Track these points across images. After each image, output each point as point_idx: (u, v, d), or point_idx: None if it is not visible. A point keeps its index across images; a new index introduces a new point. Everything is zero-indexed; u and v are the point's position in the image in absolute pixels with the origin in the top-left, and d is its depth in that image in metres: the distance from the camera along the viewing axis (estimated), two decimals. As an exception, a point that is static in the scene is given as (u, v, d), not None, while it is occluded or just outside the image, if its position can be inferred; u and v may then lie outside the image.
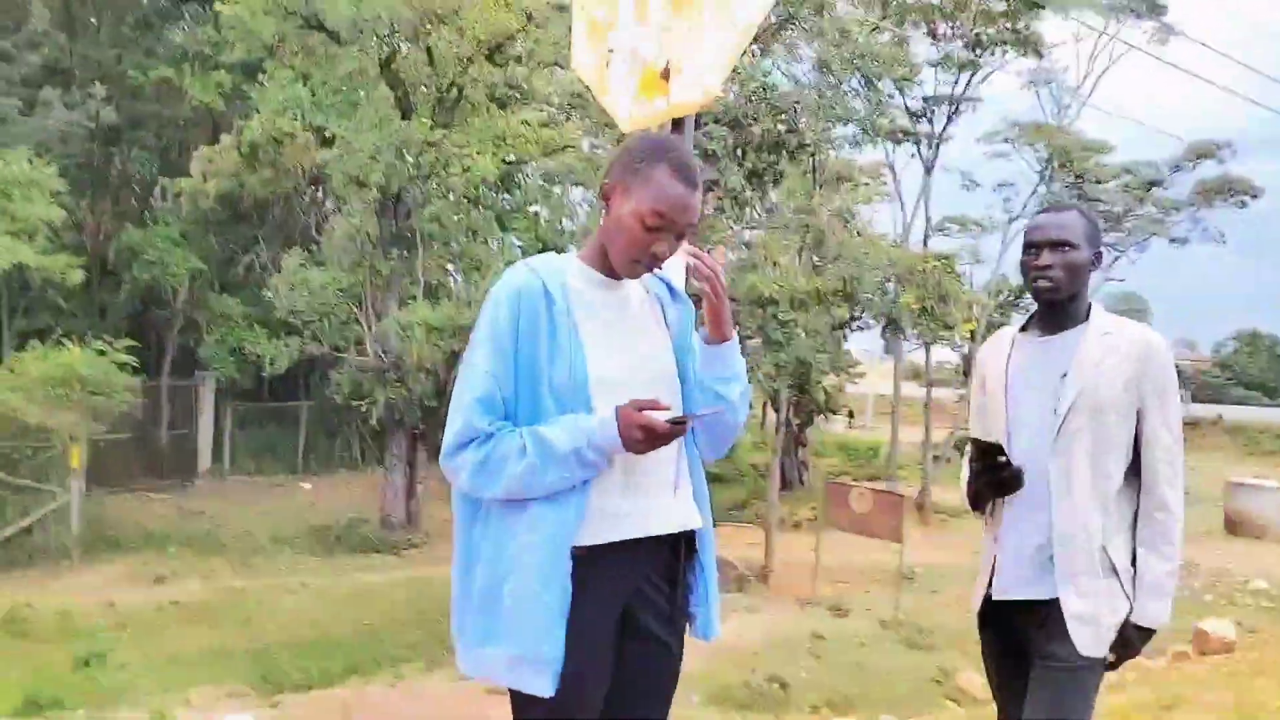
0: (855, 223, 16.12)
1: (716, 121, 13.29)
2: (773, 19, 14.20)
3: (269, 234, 20.07)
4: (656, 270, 2.02)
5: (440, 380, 15.91)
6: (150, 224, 19.04)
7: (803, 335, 13.25)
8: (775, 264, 14.00)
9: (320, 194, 20.55)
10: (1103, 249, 2.49)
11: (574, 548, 1.81)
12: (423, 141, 15.72)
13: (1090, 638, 2.30)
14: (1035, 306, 2.54)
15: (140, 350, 16.26)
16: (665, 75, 2.31)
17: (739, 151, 13.41)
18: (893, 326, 16.31)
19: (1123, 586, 2.35)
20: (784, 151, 13.81)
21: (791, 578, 15.17)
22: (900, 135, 22.19)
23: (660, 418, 1.78)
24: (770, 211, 15.67)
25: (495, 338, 1.85)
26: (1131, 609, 2.35)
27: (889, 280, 15.12)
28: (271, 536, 16.09)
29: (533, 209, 19.22)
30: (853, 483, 17.44)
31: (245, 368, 18.50)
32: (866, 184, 23.34)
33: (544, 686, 1.78)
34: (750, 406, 2.12)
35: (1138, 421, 2.38)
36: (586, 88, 2.60)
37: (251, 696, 9.54)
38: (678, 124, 2.37)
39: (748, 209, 14.17)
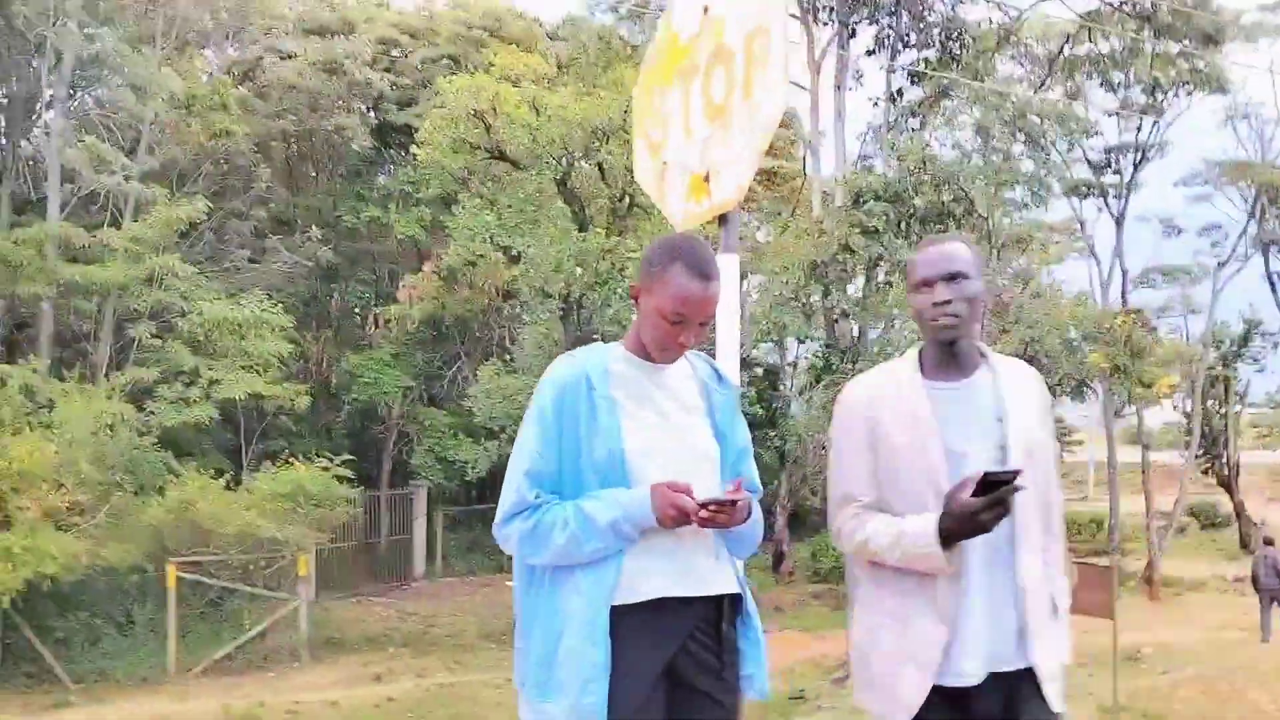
0: (1035, 284, 15.57)
1: (877, 198, 13.38)
2: (926, 91, 14.27)
3: (469, 348, 21.57)
4: (703, 357, 2.27)
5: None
6: (366, 349, 20.92)
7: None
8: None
9: (511, 307, 21.95)
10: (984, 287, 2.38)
11: (613, 606, 1.98)
12: (600, 249, 16.65)
13: (1057, 693, 2.17)
14: (929, 350, 2.29)
15: (360, 464, 17.72)
16: (706, 179, 2.59)
17: (902, 225, 13.40)
18: (1079, 389, 15.50)
19: (1062, 625, 2.25)
20: (950, 220, 13.67)
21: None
22: (1084, 189, 21.36)
23: (693, 498, 1.95)
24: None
25: (541, 420, 2.07)
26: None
27: (1076, 341, 14.46)
28: (480, 633, 16.82)
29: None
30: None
31: (452, 474, 19.71)
32: (1057, 242, 22.50)
33: None
34: None
35: None
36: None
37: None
38: (723, 219, 2.63)
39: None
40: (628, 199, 17.93)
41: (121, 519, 14.13)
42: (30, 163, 18.28)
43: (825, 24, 14.35)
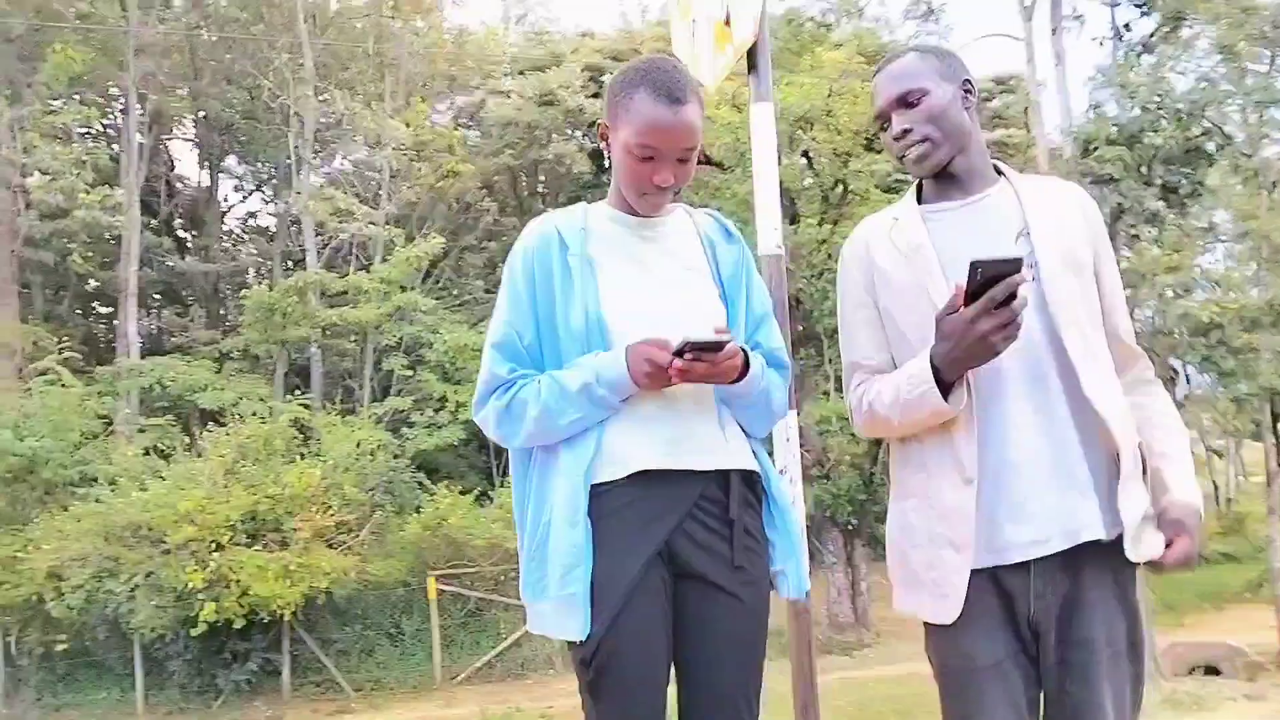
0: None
1: (1109, 143, 12.15)
2: (1158, 20, 12.88)
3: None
4: (711, 212, 2.00)
5: (865, 472, 15.76)
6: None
7: (1265, 359, 11.26)
8: (1216, 284, 12.20)
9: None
10: (969, 78, 1.90)
11: (595, 484, 1.74)
12: (814, 241, 16.24)
13: (1139, 552, 1.72)
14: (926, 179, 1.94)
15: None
16: (727, 23, 2.35)
17: (1142, 169, 12.08)
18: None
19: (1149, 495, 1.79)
20: (1202, 158, 12.20)
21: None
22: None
23: (690, 340, 1.66)
24: (1208, 229, 13.78)
25: (511, 289, 1.86)
26: (1160, 495, 1.78)
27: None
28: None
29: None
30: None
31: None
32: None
33: (576, 629, 1.69)
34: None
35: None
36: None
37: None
38: (752, 65, 2.38)
39: (1166, 228, 12.59)
40: (840, 186, 17.38)
41: (383, 536, 15.22)
42: (294, 222, 20.28)
43: (1034, -34, 13.28)
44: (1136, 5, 12.91)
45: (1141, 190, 12.22)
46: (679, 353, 1.66)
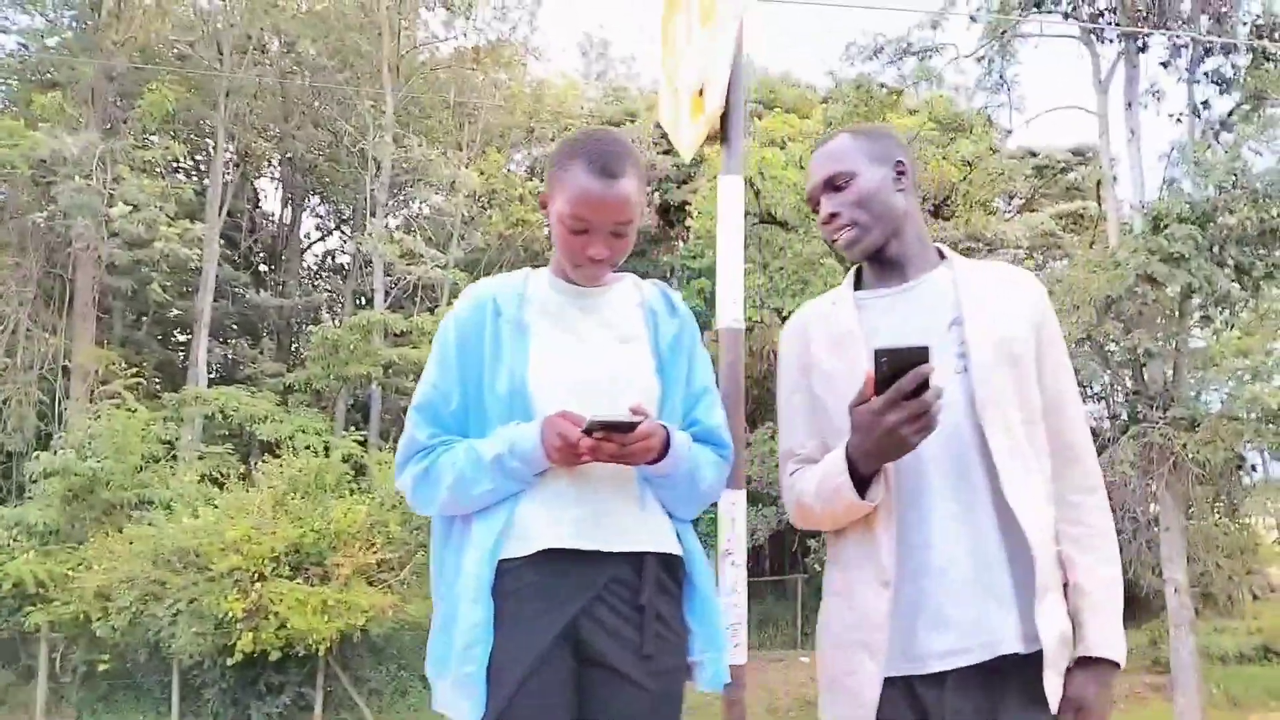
0: None
1: (1181, 220, 11.77)
2: (1238, 98, 12.54)
3: (749, 408, 21.43)
4: (658, 284, 1.97)
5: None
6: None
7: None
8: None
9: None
10: (902, 159, 1.82)
11: (502, 560, 1.67)
12: (876, 305, 16.10)
13: (1055, 688, 1.59)
14: (865, 265, 1.89)
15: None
16: (701, 94, 2.31)
17: (1214, 249, 11.66)
18: None
19: (1067, 608, 1.65)
20: (1276, 240, 11.74)
21: None
22: None
23: (598, 420, 1.60)
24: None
25: (441, 351, 1.82)
26: (1079, 640, 1.63)
27: None
28: (767, 708, 16.24)
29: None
30: None
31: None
32: None
33: (469, 711, 1.61)
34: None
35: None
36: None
37: None
38: (723, 138, 2.32)
39: (1238, 311, 12.12)
40: (906, 252, 17.23)
41: (424, 576, 15.23)
42: (367, 262, 20.79)
43: (1109, 40, 13.05)
44: (1215, 83, 12.57)
45: (1213, 270, 11.80)
46: (588, 431, 1.60)
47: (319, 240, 26.52)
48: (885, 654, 1.62)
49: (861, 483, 1.62)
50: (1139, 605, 19.44)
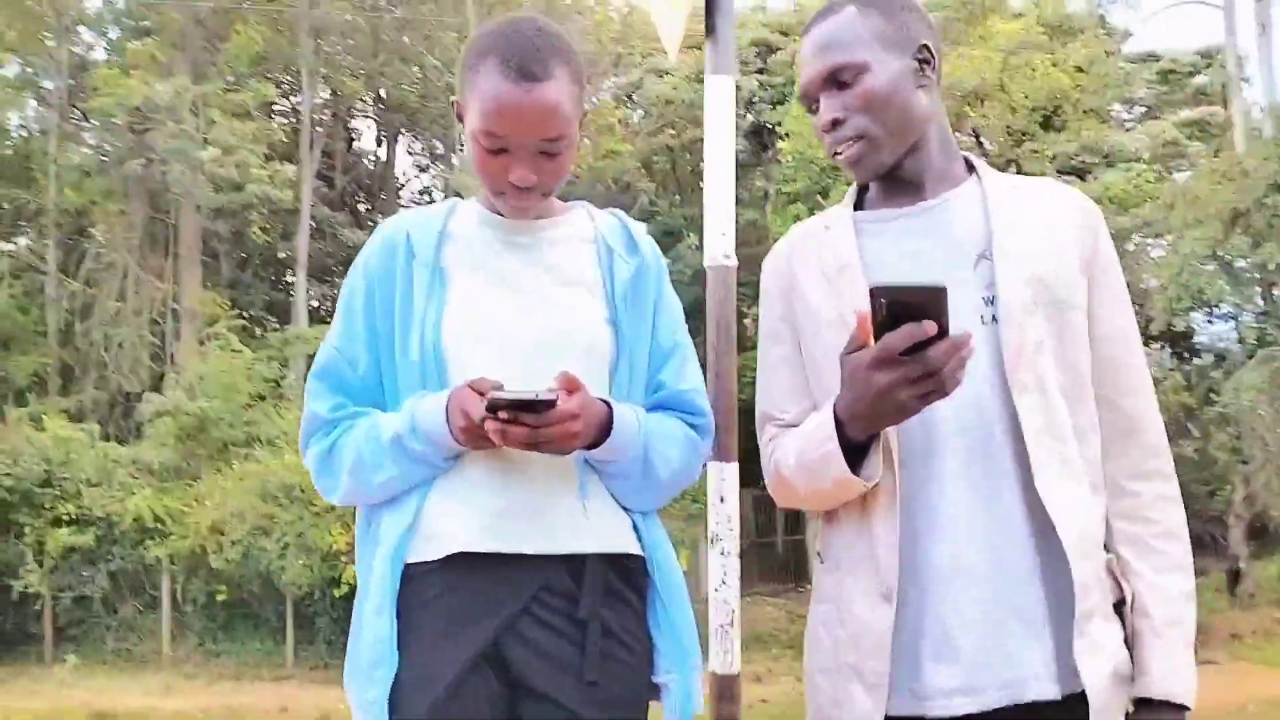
0: None
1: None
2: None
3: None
4: (618, 214, 1.59)
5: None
6: (752, 349, 21.03)
7: None
8: None
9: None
10: (928, 43, 1.38)
11: (409, 564, 1.38)
12: (980, 225, 15.30)
13: None
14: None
15: (753, 464, 17.73)
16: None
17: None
18: None
19: (1124, 630, 1.28)
20: None
21: None
22: None
23: (500, 398, 1.26)
24: None
25: (346, 305, 1.50)
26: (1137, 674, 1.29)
27: None
28: None
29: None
30: None
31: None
32: None
33: None
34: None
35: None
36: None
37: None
38: (710, 27, 1.98)
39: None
40: (1013, 166, 16.21)
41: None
42: (457, 195, 20.85)
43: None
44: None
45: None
46: (492, 409, 1.27)
47: (415, 177, 26.75)
48: (885, 686, 1.28)
49: (855, 452, 1.27)
50: (1269, 537, 18.38)
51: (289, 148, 19.17)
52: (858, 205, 1.49)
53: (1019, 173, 16.31)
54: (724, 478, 1.77)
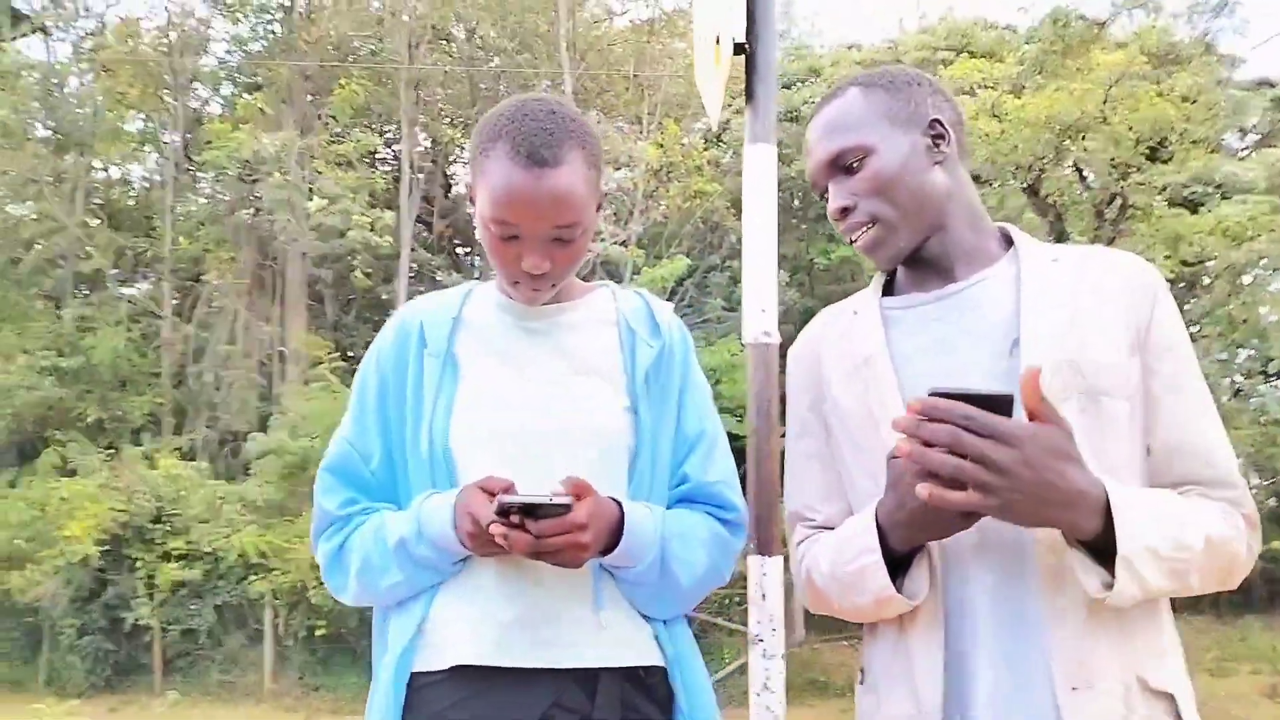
0: None
1: None
2: None
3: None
4: (644, 294, 1.54)
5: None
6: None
7: None
8: None
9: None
10: (940, 118, 1.30)
11: (415, 673, 1.34)
12: (1085, 261, 14.80)
13: None
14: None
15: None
16: (718, 40, 1.95)
17: None
18: None
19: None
20: None
21: None
22: None
23: (509, 501, 1.20)
24: None
25: (358, 396, 1.47)
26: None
27: None
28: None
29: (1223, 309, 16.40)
30: None
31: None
32: None
33: None
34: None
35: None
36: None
37: None
38: (749, 94, 1.94)
39: None
40: (1118, 201, 15.67)
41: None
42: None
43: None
44: None
45: None
46: (504, 512, 1.21)
47: (510, 221, 27.26)
48: None
49: (895, 565, 1.18)
50: None
51: (390, 195, 19.78)
52: (887, 289, 1.41)
53: (1124, 207, 15.74)
54: (765, 572, 1.66)
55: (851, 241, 1.35)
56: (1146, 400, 1.22)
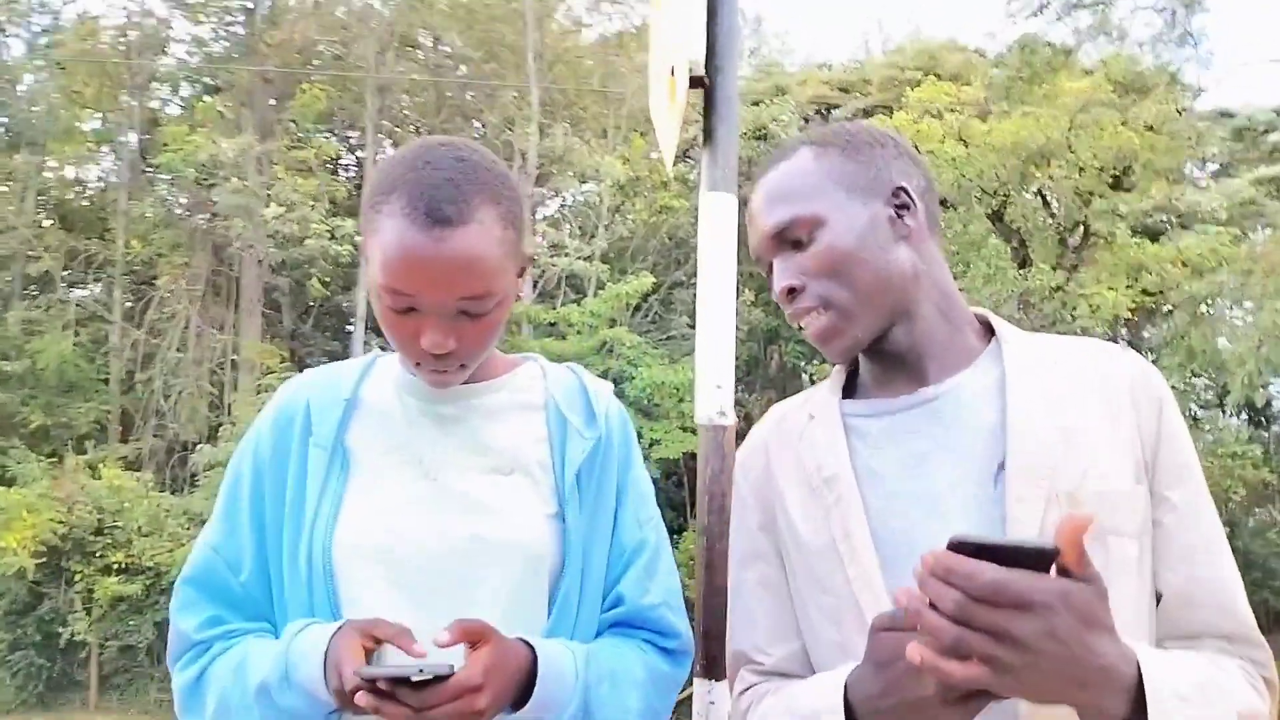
0: None
1: None
2: None
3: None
4: (579, 372, 1.32)
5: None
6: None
7: None
8: None
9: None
10: (905, 183, 1.10)
11: None
12: (1046, 288, 14.73)
13: None
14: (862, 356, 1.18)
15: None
16: (673, 72, 1.75)
17: None
18: None
19: None
20: None
21: None
22: None
23: (371, 673, 0.98)
24: None
25: (229, 495, 1.23)
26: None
27: None
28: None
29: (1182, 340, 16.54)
30: None
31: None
32: None
33: None
34: None
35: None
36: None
37: None
38: (708, 137, 1.74)
39: None
40: (1080, 228, 15.73)
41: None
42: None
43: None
44: None
45: None
46: (370, 679, 0.98)
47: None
48: None
49: None
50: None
51: (351, 203, 19.43)
52: (847, 387, 1.18)
53: (1088, 234, 15.78)
54: (713, 700, 1.41)
55: (799, 328, 1.13)
56: (1156, 534, 1.02)
